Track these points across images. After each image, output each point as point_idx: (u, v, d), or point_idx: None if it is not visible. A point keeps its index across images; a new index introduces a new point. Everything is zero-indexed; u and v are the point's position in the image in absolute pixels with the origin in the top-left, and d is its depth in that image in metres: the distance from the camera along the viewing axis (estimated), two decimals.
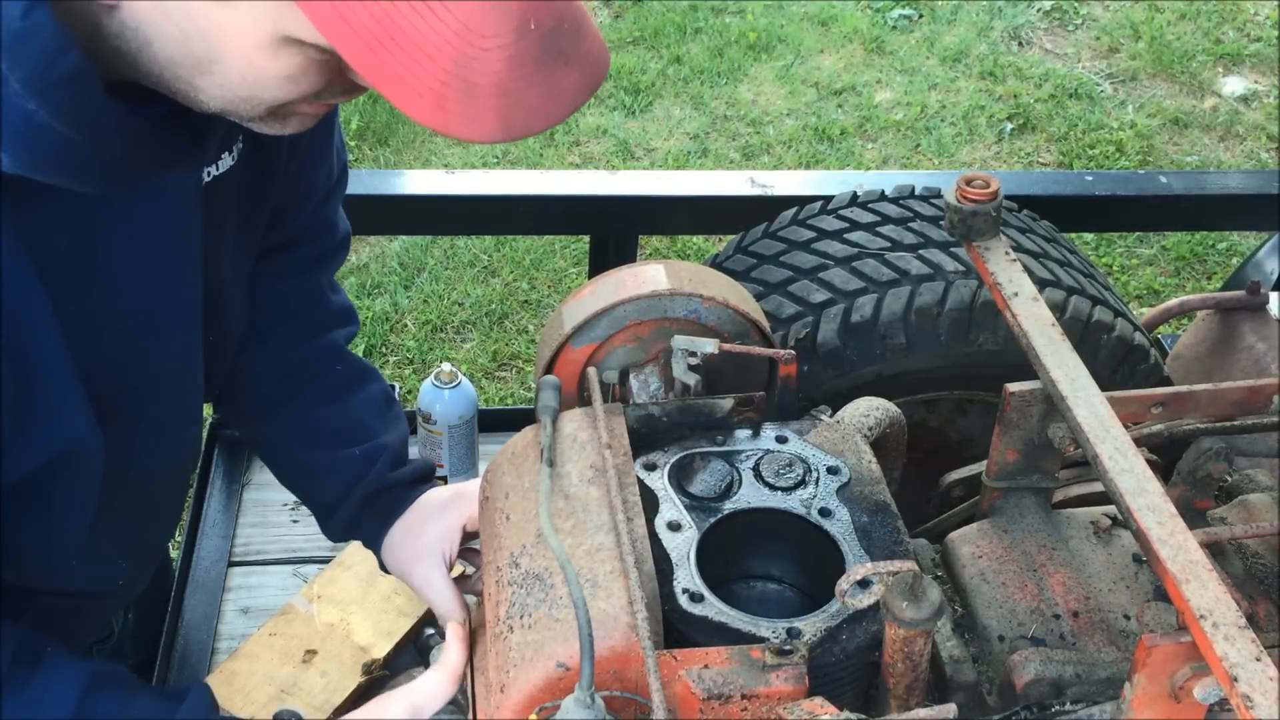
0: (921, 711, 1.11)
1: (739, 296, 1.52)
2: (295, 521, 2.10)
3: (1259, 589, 1.41)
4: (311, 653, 1.79)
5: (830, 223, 2.00)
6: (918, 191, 2.08)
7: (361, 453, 1.52)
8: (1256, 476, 1.59)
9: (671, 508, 1.29)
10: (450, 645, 1.35)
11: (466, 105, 0.89)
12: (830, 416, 1.45)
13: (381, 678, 1.76)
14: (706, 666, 1.12)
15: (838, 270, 1.89)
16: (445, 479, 2.10)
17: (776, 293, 1.90)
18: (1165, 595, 1.13)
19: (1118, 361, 1.90)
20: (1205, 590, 1.06)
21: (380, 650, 1.79)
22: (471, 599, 1.58)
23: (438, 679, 1.32)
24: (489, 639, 1.22)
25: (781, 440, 1.39)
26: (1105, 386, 1.31)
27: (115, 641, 1.85)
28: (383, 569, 1.59)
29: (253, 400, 1.56)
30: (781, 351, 1.45)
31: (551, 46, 0.90)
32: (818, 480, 1.33)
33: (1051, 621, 1.35)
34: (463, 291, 3.99)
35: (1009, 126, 4.86)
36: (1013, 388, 1.38)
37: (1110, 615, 1.35)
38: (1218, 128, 4.92)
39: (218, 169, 1.20)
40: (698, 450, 1.36)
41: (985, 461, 1.48)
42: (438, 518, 1.52)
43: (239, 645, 1.82)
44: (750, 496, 1.32)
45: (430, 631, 1.83)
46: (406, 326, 3.88)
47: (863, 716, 1.08)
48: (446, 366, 2.09)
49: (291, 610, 1.86)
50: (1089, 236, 4.15)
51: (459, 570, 1.56)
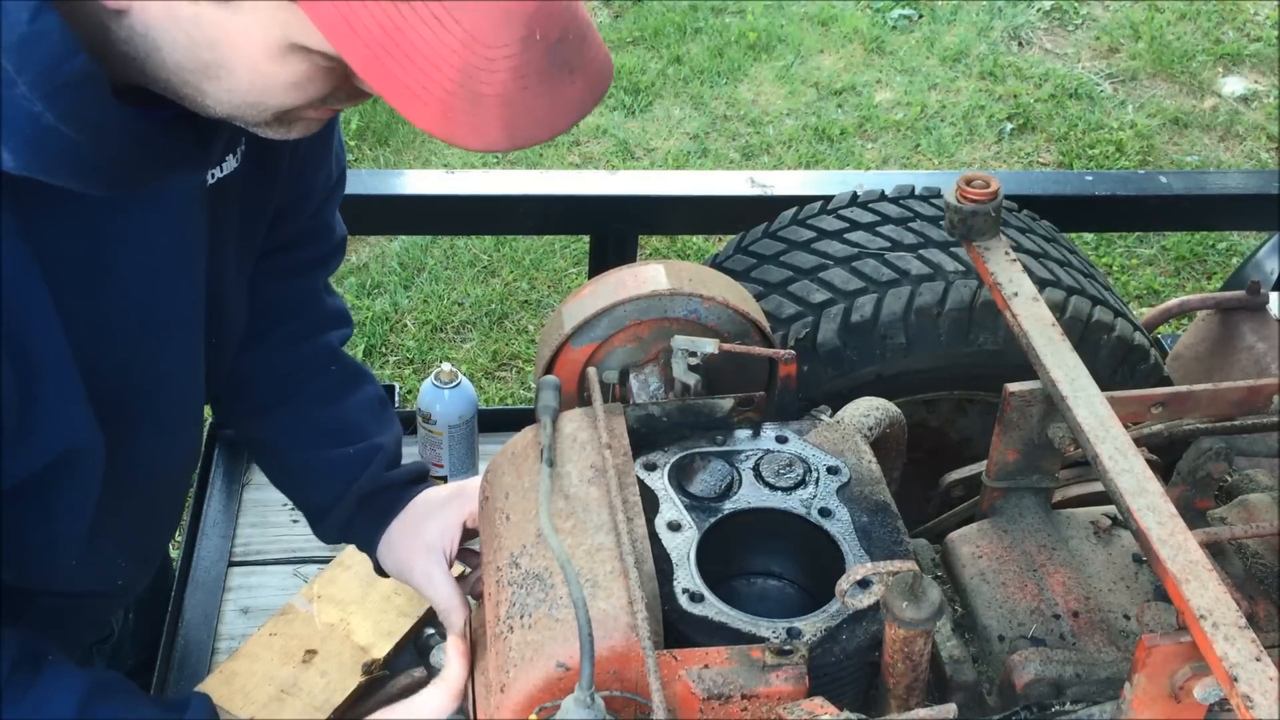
0: (921, 711, 1.11)
1: (739, 296, 1.52)
2: (295, 521, 2.10)
3: (1259, 589, 1.41)
4: (311, 653, 1.79)
5: (830, 223, 2.00)
6: (918, 191, 2.08)
7: (356, 453, 1.52)
8: (1256, 476, 1.59)
9: (671, 508, 1.29)
10: (451, 661, 1.32)
11: (472, 115, 0.89)
12: (830, 416, 1.45)
13: (381, 678, 1.76)
14: (706, 666, 1.12)
15: (838, 270, 1.89)
16: (445, 479, 2.10)
17: (776, 293, 1.89)
18: (1165, 595, 1.13)
19: (1118, 361, 1.90)
20: (1205, 590, 1.06)
21: (380, 650, 1.79)
22: (471, 600, 1.58)
23: (439, 696, 1.30)
24: (489, 639, 1.22)
25: (781, 440, 1.39)
26: (1105, 386, 1.31)
27: (115, 641, 1.85)
28: (378, 571, 1.59)
29: (247, 401, 1.56)
30: (781, 351, 1.45)
31: (556, 57, 0.90)
32: (818, 480, 1.33)
33: (1051, 621, 1.35)
34: (463, 291, 3.99)
35: (1009, 126, 4.86)
36: (1013, 388, 1.38)
37: (1110, 615, 1.35)
38: (1218, 128, 4.92)
39: (221, 171, 1.20)
40: (698, 450, 1.36)
41: (985, 461, 1.48)
42: (438, 514, 1.51)
43: (239, 645, 1.81)
44: (750, 496, 1.32)
45: (430, 631, 1.83)
46: (406, 326, 3.88)
47: (863, 716, 1.08)
48: (446, 366, 2.09)
49: (291, 610, 1.86)
50: (1089, 236, 4.15)
51: (457, 571, 1.56)
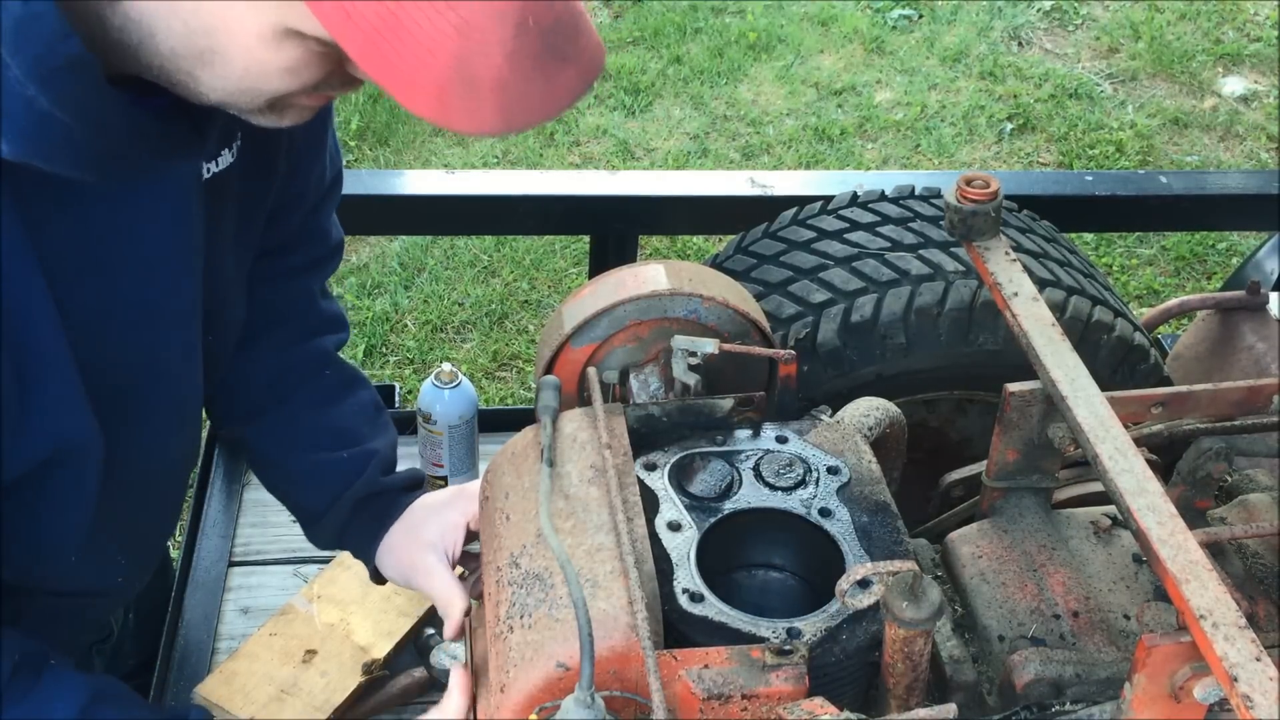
0: (921, 711, 1.11)
1: (739, 296, 1.52)
2: (295, 521, 2.10)
3: (1259, 589, 1.41)
4: (311, 653, 1.79)
5: (830, 223, 2.00)
6: (918, 191, 2.08)
7: (350, 457, 1.52)
8: (1256, 476, 1.59)
9: (671, 508, 1.29)
10: (452, 693, 1.31)
11: (467, 100, 0.89)
12: (830, 416, 1.45)
13: (381, 678, 1.76)
14: (706, 666, 1.12)
15: (838, 270, 1.89)
16: (445, 479, 2.10)
17: (776, 293, 1.89)
18: (1165, 595, 1.13)
19: (1118, 361, 1.90)
20: (1205, 590, 1.06)
21: (380, 650, 1.79)
22: (471, 601, 1.58)
23: None
24: (489, 639, 1.22)
25: (781, 440, 1.39)
26: (1105, 386, 1.31)
27: (115, 641, 1.85)
28: (373, 578, 1.58)
29: (241, 404, 1.56)
30: (781, 351, 1.45)
31: (550, 43, 0.91)
32: (818, 480, 1.33)
33: (1051, 621, 1.35)
34: (463, 291, 3.99)
35: (1009, 126, 4.86)
36: (1013, 388, 1.38)
37: (1110, 615, 1.35)
38: (1218, 128, 4.92)
39: (217, 166, 1.20)
40: (698, 450, 1.36)
41: (985, 461, 1.48)
42: (439, 515, 1.52)
43: (239, 645, 1.81)
44: (750, 496, 1.32)
45: (430, 631, 1.83)
46: (406, 326, 3.88)
47: (863, 716, 1.08)
48: (446, 366, 2.09)
49: (291, 610, 1.86)
50: (1089, 236, 4.15)
51: (458, 573, 1.56)
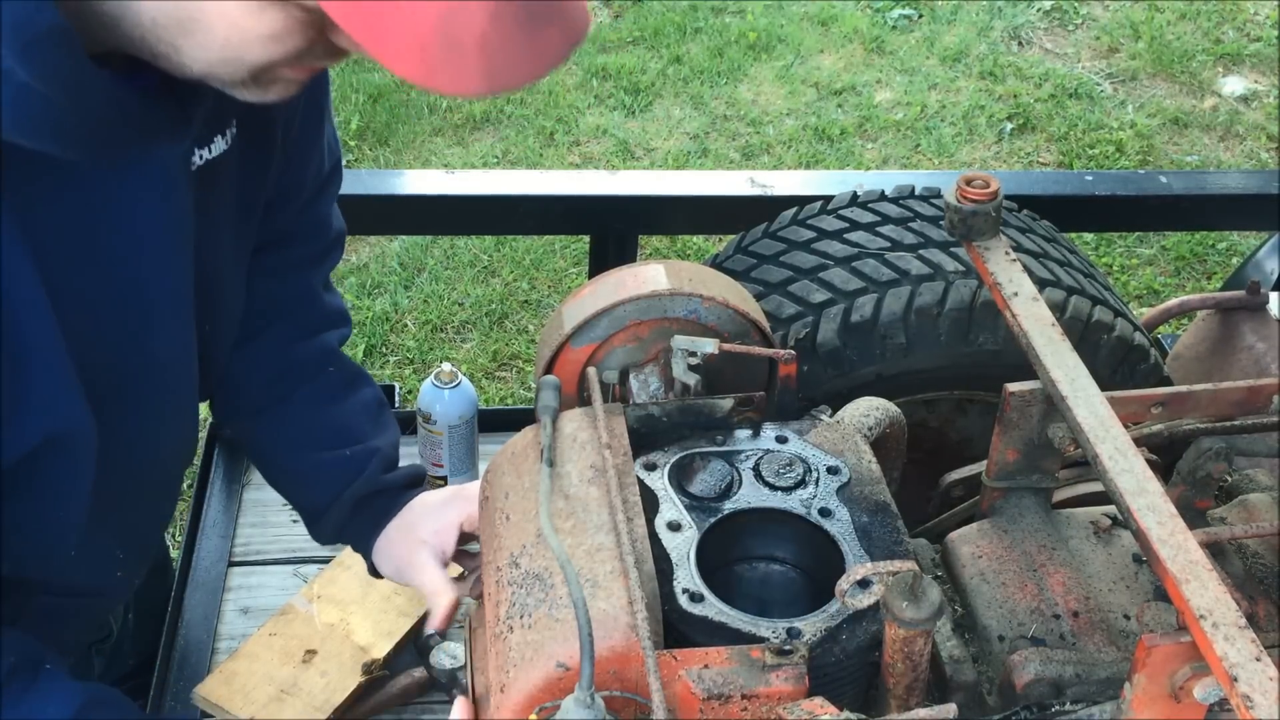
0: (921, 711, 1.11)
1: (739, 296, 1.52)
2: (295, 521, 2.09)
3: (1259, 589, 1.41)
4: (311, 653, 1.79)
5: (830, 223, 2.00)
6: (918, 191, 2.08)
7: (352, 455, 1.52)
8: (1256, 476, 1.59)
9: (671, 508, 1.29)
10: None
11: (450, 61, 0.89)
12: (830, 416, 1.45)
13: (381, 678, 1.76)
14: (706, 666, 1.12)
15: (838, 270, 1.89)
16: (445, 479, 2.10)
17: (776, 293, 1.89)
18: (1165, 595, 1.13)
19: (1118, 361, 1.90)
20: (1205, 590, 1.06)
21: (380, 650, 1.79)
22: (471, 601, 1.58)
23: None
24: (489, 639, 1.22)
25: (781, 440, 1.38)
26: (1105, 386, 1.31)
27: (115, 641, 1.85)
28: (372, 573, 1.59)
29: (243, 401, 1.55)
30: (781, 351, 1.45)
31: (533, 3, 0.91)
32: (818, 480, 1.33)
33: (1051, 621, 1.35)
34: (463, 291, 3.99)
35: (1009, 126, 4.86)
36: (1013, 388, 1.38)
37: (1110, 615, 1.35)
38: (1218, 128, 4.92)
39: (210, 152, 1.19)
40: (698, 450, 1.36)
41: (985, 461, 1.48)
42: (433, 517, 1.52)
43: (239, 645, 1.81)
44: (750, 496, 1.32)
45: (430, 632, 1.83)
46: (406, 326, 3.88)
47: (863, 716, 1.08)
48: (446, 366, 2.09)
49: (291, 610, 1.86)
50: (1089, 236, 4.15)
51: (454, 572, 1.56)
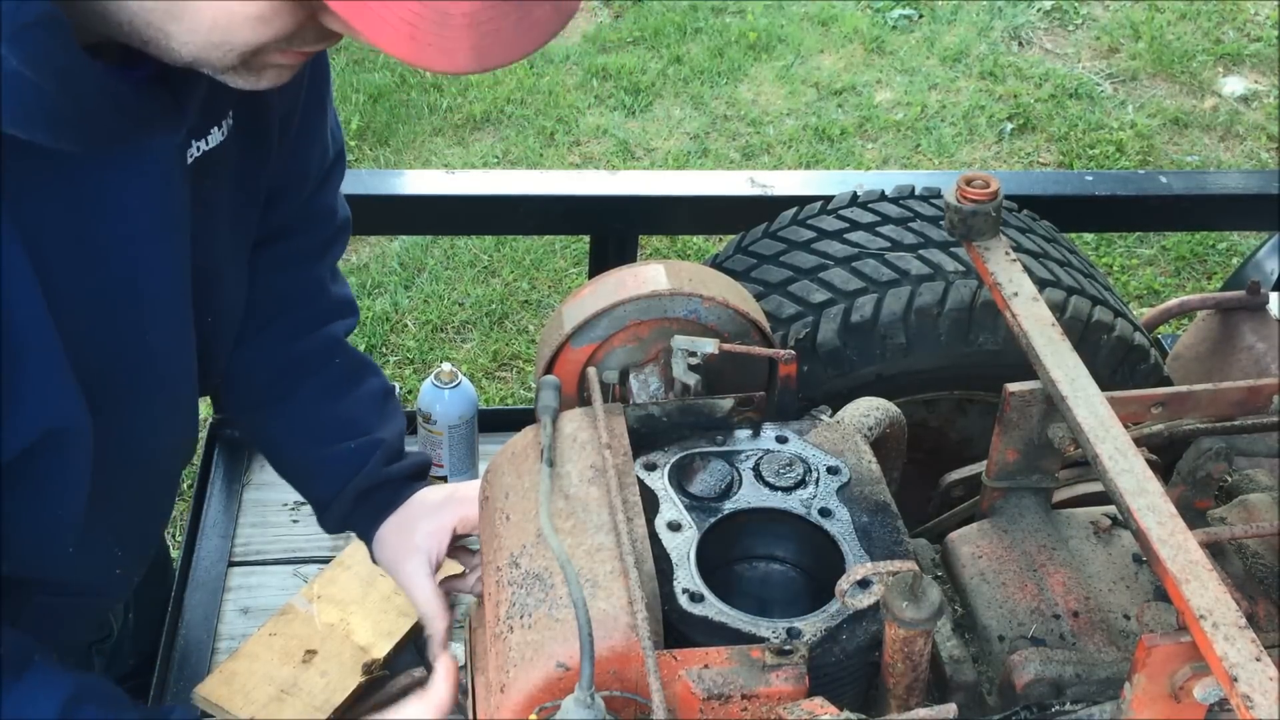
0: (921, 711, 1.11)
1: (739, 296, 1.52)
2: (295, 521, 2.11)
3: (1259, 589, 1.41)
4: (311, 653, 1.79)
5: (830, 223, 2.00)
6: (918, 191, 2.08)
7: (356, 447, 1.52)
8: (1256, 476, 1.59)
9: (671, 508, 1.29)
10: (437, 678, 1.34)
11: (440, 37, 0.88)
12: (830, 416, 1.45)
13: (381, 678, 1.76)
14: (706, 666, 1.12)
15: (838, 270, 1.89)
16: (445, 479, 2.10)
17: (776, 293, 1.89)
18: (1165, 595, 1.13)
19: (1118, 361, 1.90)
20: (1205, 590, 1.06)
21: (380, 650, 1.79)
22: (471, 599, 1.58)
23: (420, 710, 1.33)
24: (489, 639, 1.22)
25: (781, 440, 1.38)
26: (1105, 386, 1.31)
27: (115, 641, 1.85)
28: (376, 561, 1.60)
29: (250, 394, 1.56)
30: (781, 351, 1.45)
31: None
32: (818, 480, 1.33)
33: (1051, 621, 1.35)
34: (463, 291, 3.99)
35: (1009, 126, 4.86)
36: (1013, 388, 1.38)
37: (1110, 615, 1.35)
38: (1218, 128, 4.92)
39: (207, 144, 1.19)
40: (698, 450, 1.36)
41: (985, 461, 1.48)
42: (429, 518, 1.51)
43: (239, 645, 1.81)
44: (750, 496, 1.32)
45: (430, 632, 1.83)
46: (406, 326, 3.88)
47: (863, 716, 1.08)
48: (446, 366, 2.09)
49: (291, 610, 1.86)
50: (1089, 236, 4.15)
51: (452, 569, 1.56)
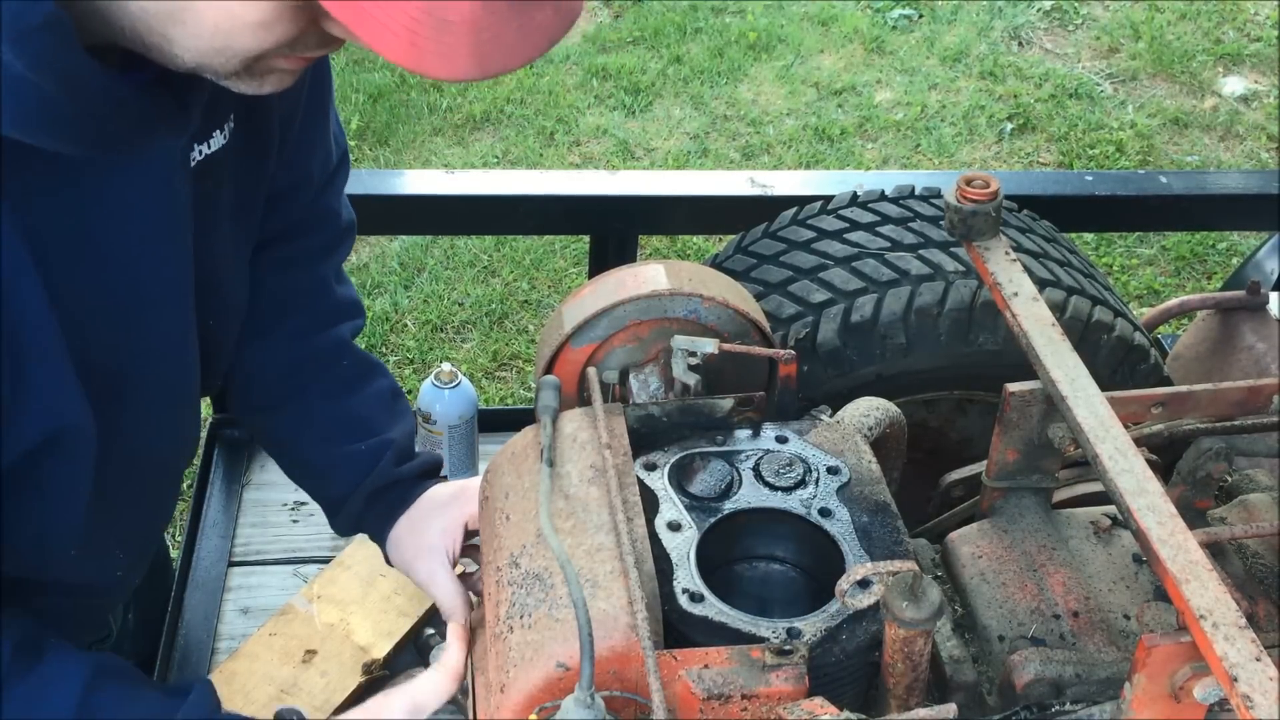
0: (921, 711, 1.11)
1: (739, 296, 1.52)
2: (295, 522, 2.10)
3: (1259, 589, 1.41)
4: (311, 653, 1.79)
5: (830, 223, 2.00)
6: (918, 191, 2.08)
7: (367, 448, 1.52)
8: (1256, 476, 1.59)
9: (671, 508, 1.29)
10: (450, 645, 1.37)
11: (440, 43, 0.87)
12: (830, 416, 1.45)
13: (381, 678, 1.76)
14: (706, 666, 1.12)
15: (838, 270, 1.89)
16: (445, 479, 2.10)
17: (776, 293, 1.89)
18: (1165, 595, 1.13)
19: (1118, 361, 1.90)
20: (1205, 590, 1.06)
21: (380, 650, 1.79)
22: (473, 597, 1.58)
23: (438, 678, 1.34)
24: (489, 639, 1.22)
25: (781, 440, 1.38)
26: (1105, 386, 1.31)
27: (114, 641, 1.85)
28: (388, 561, 1.60)
29: (258, 396, 1.56)
30: (781, 351, 1.45)
31: None
32: (818, 480, 1.33)
33: (1051, 621, 1.35)
34: (463, 291, 3.99)
35: (1009, 126, 4.86)
36: (1013, 388, 1.38)
37: (1110, 615, 1.35)
38: (1218, 128, 4.92)
39: (209, 148, 1.19)
40: (698, 450, 1.36)
41: (985, 461, 1.48)
42: (441, 514, 1.52)
43: (239, 645, 1.81)
44: (750, 496, 1.32)
45: (430, 632, 1.83)
46: (406, 326, 3.88)
47: (863, 716, 1.08)
48: (446, 366, 2.09)
49: (291, 610, 1.86)
50: (1089, 236, 4.15)
51: (461, 569, 1.57)
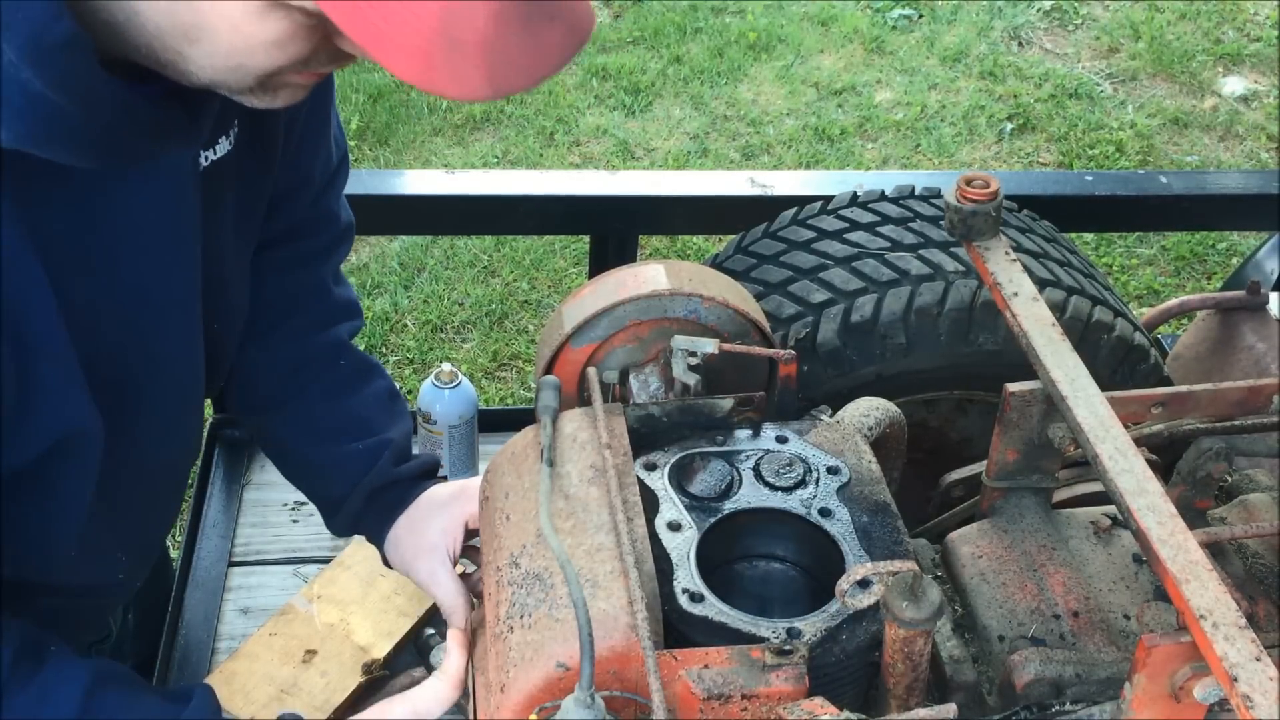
0: (921, 711, 1.11)
1: (739, 296, 1.52)
2: (295, 522, 2.10)
3: (1259, 589, 1.41)
4: (311, 653, 1.79)
5: (830, 223, 2.00)
6: (918, 191, 2.08)
7: (365, 448, 1.53)
8: (1256, 476, 1.59)
9: (671, 508, 1.29)
10: (451, 651, 1.36)
11: (453, 63, 0.87)
12: (830, 416, 1.45)
13: (381, 678, 1.76)
14: (706, 666, 1.12)
15: (838, 270, 1.89)
16: (445, 479, 2.10)
17: (776, 293, 1.89)
18: (1165, 595, 1.13)
19: (1118, 361, 1.90)
20: (1205, 590, 1.06)
21: (380, 650, 1.79)
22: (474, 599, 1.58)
23: (439, 685, 1.33)
24: (489, 639, 1.22)
25: (781, 440, 1.38)
26: (1105, 386, 1.31)
27: (114, 642, 1.85)
28: (386, 564, 1.60)
29: (256, 396, 1.56)
30: (781, 351, 1.45)
31: (536, 2, 0.89)
32: (818, 480, 1.33)
33: (1051, 621, 1.35)
34: (463, 291, 3.99)
35: (1009, 126, 4.86)
36: (1013, 388, 1.38)
37: (1110, 615, 1.35)
38: (1218, 128, 4.92)
39: (215, 154, 1.19)
40: (698, 450, 1.36)
41: (985, 461, 1.48)
42: (441, 514, 1.52)
43: (239, 645, 1.81)
44: (750, 496, 1.32)
45: (430, 631, 1.83)
46: (406, 326, 3.88)
47: (863, 716, 1.08)
48: (446, 366, 2.09)
49: (291, 610, 1.86)
50: (1089, 236, 4.15)
51: (461, 569, 1.57)
